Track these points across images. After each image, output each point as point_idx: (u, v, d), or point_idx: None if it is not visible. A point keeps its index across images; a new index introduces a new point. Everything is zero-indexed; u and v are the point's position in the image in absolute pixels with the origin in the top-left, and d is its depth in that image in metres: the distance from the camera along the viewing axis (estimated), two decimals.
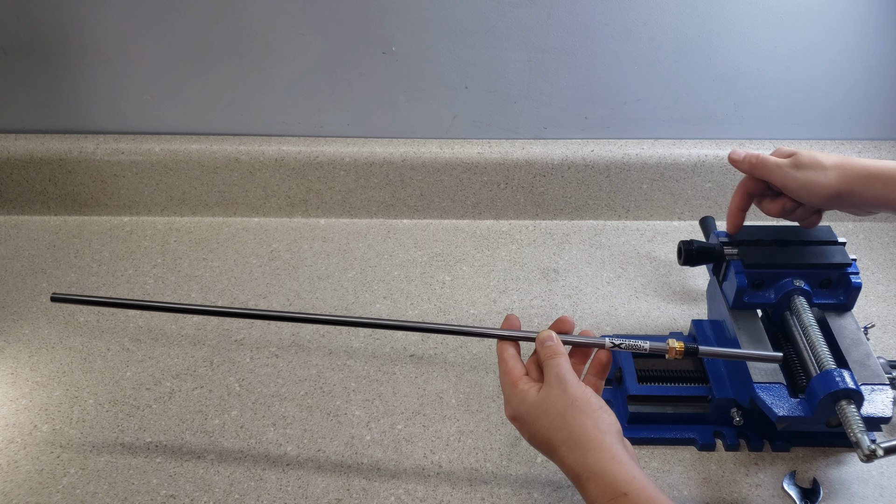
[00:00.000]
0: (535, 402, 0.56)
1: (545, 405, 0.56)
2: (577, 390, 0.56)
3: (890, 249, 1.00)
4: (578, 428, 0.54)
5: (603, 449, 0.53)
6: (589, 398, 0.56)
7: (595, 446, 0.53)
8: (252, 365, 0.82)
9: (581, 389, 0.56)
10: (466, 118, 1.00)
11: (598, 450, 0.53)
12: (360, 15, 0.91)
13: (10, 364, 0.82)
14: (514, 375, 0.59)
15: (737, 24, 0.91)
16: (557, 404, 0.55)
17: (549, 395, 0.56)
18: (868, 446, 0.59)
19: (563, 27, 0.91)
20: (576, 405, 0.55)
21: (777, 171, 0.69)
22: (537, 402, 0.56)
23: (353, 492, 0.69)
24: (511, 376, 0.59)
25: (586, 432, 0.54)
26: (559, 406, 0.55)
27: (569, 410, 0.55)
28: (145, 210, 1.05)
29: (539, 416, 0.56)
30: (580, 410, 0.55)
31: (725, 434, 0.73)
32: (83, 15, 0.91)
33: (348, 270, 0.96)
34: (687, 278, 0.95)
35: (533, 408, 0.56)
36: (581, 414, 0.54)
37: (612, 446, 0.53)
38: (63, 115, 1.00)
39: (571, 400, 0.55)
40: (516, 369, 0.59)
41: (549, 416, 0.55)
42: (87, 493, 0.69)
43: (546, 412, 0.55)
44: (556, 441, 0.55)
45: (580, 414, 0.54)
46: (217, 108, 1.00)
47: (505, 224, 1.05)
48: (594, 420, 0.54)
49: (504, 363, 0.60)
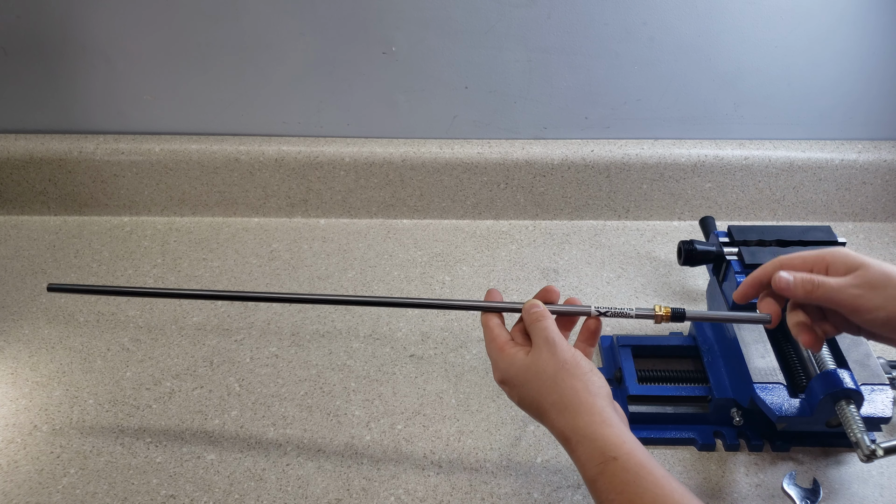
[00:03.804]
0: (524, 366, 0.56)
1: (535, 368, 0.55)
2: (567, 353, 0.55)
3: (890, 249, 1.00)
4: (569, 391, 0.53)
5: (593, 412, 0.52)
6: (579, 361, 0.55)
7: (585, 409, 0.52)
8: (252, 365, 0.82)
9: (571, 352, 0.55)
10: (466, 118, 1.00)
11: (589, 413, 0.52)
12: (359, 15, 0.91)
13: (10, 364, 0.82)
14: (501, 340, 0.58)
15: (737, 23, 0.91)
16: (547, 367, 0.55)
17: (538, 357, 0.55)
18: (868, 446, 0.59)
19: (563, 27, 0.91)
20: (566, 368, 0.54)
21: (843, 296, 0.55)
22: (526, 366, 0.56)
23: (353, 492, 0.69)
24: (498, 342, 0.59)
25: (577, 395, 0.53)
26: (549, 369, 0.54)
27: (559, 373, 0.54)
28: (145, 210, 1.05)
29: (529, 379, 0.55)
30: (570, 373, 0.54)
31: (725, 434, 0.73)
32: (83, 15, 0.91)
33: (348, 270, 0.96)
34: (687, 278, 0.94)
35: (522, 371, 0.56)
36: (571, 377, 0.54)
37: (603, 409, 0.52)
38: (63, 115, 1.00)
39: (561, 363, 0.54)
40: (502, 335, 0.59)
41: (539, 380, 0.55)
42: (87, 493, 0.69)
43: (536, 375, 0.55)
44: (546, 404, 0.54)
45: (570, 377, 0.54)
46: (217, 108, 1.00)
47: (505, 224, 1.05)
48: (584, 382, 0.54)
49: (490, 330, 0.60)
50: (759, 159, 1.00)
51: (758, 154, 1.00)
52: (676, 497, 0.47)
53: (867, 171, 1.00)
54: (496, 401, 0.78)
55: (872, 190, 1.02)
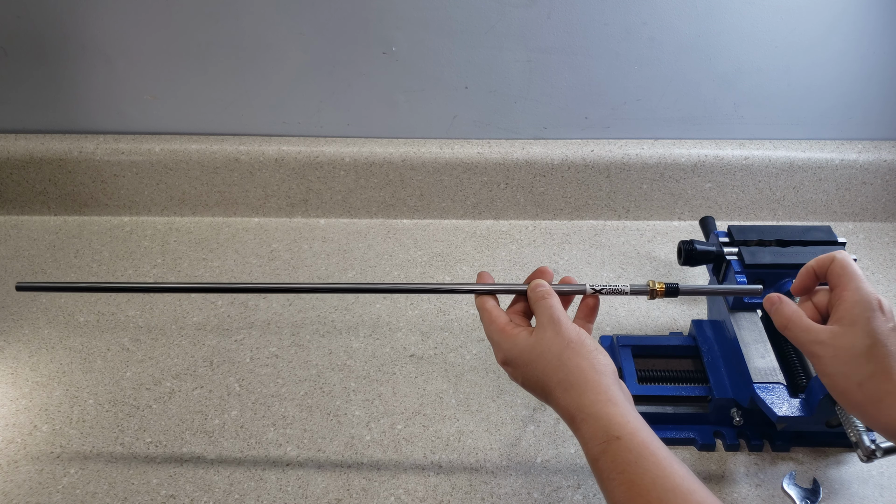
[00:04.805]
0: (528, 346, 0.56)
1: (539, 347, 0.55)
2: (572, 332, 0.55)
3: (890, 249, 1.00)
4: (575, 369, 0.53)
5: (599, 391, 0.52)
6: (584, 339, 0.55)
7: (591, 388, 0.52)
8: (252, 365, 0.82)
9: (575, 331, 0.55)
10: (466, 118, 1.00)
11: (594, 391, 0.52)
12: (359, 15, 0.91)
13: (10, 364, 0.82)
14: (501, 322, 0.58)
15: (737, 23, 0.91)
16: (553, 346, 0.54)
17: (542, 337, 0.55)
18: (868, 446, 0.59)
19: (563, 27, 0.91)
20: (571, 346, 0.54)
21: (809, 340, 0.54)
22: (531, 346, 0.55)
23: (353, 492, 0.69)
24: (497, 323, 0.58)
25: (583, 373, 0.53)
26: (554, 348, 0.54)
27: (564, 352, 0.54)
28: (145, 210, 1.05)
29: (534, 359, 0.55)
30: (576, 352, 0.54)
31: (725, 434, 0.73)
32: (83, 15, 0.91)
33: (348, 270, 0.96)
34: (687, 278, 0.95)
35: (526, 351, 0.55)
36: (577, 355, 0.54)
37: (609, 388, 0.52)
38: (63, 115, 1.00)
39: (567, 341, 0.54)
40: (501, 317, 0.59)
41: (545, 359, 0.54)
42: (87, 493, 0.69)
43: (541, 355, 0.55)
44: (551, 383, 0.54)
45: (576, 355, 0.53)
46: (217, 108, 1.00)
47: (505, 224, 1.05)
48: (590, 361, 0.53)
49: (487, 313, 0.59)
50: (759, 159, 1.00)
51: (758, 154, 1.00)
52: (677, 479, 0.47)
53: (867, 171, 1.00)
54: (496, 401, 0.78)
55: (872, 190, 1.02)
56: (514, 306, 0.61)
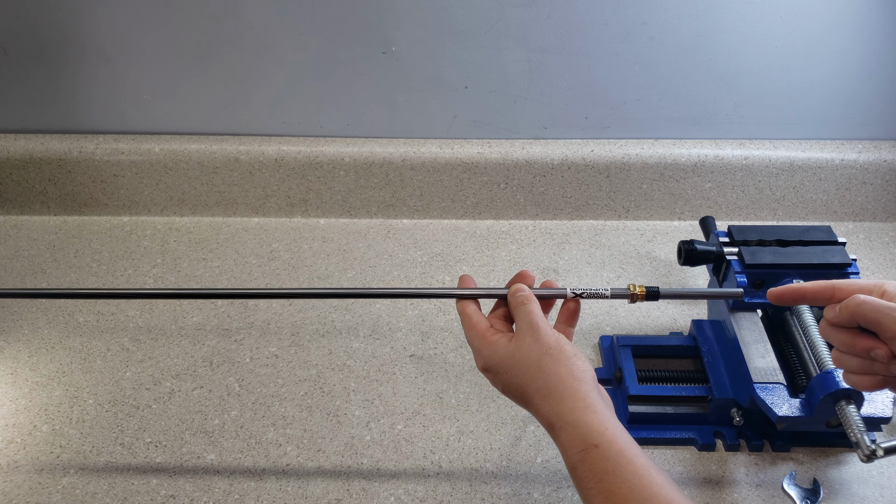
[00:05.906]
0: (507, 353, 0.55)
1: (518, 355, 0.55)
2: (551, 338, 0.55)
3: (890, 249, 1.00)
4: (553, 376, 0.53)
5: (577, 398, 0.52)
6: (563, 345, 0.55)
7: (569, 395, 0.52)
8: (252, 365, 0.82)
9: (554, 337, 0.55)
10: (466, 118, 1.00)
11: (573, 398, 0.52)
12: (359, 15, 0.91)
13: (10, 364, 0.82)
14: (482, 328, 0.58)
15: (737, 23, 0.91)
16: (531, 353, 0.54)
17: (521, 344, 0.55)
18: (868, 446, 0.59)
19: (563, 27, 0.91)
20: (550, 353, 0.54)
21: None
22: (510, 353, 0.55)
23: (353, 492, 0.69)
24: (478, 329, 0.58)
25: (561, 381, 0.53)
26: (533, 355, 0.54)
27: (543, 359, 0.54)
28: (145, 210, 1.05)
29: (513, 366, 0.55)
30: (554, 358, 0.54)
31: (725, 434, 0.73)
32: (83, 15, 0.91)
33: (348, 270, 0.96)
34: (687, 278, 0.94)
35: (506, 358, 0.55)
36: (555, 362, 0.53)
37: (587, 395, 0.52)
38: (63, 115, 1.00)
39: (545, 348, 0.54)
40: (482, 322, 0.59)
41: (524, 366, 0.54)
42: (87, 493, 0.69)
43: (520, 362, 0.54)
44: (530, 390, 0.54)
45: (554, 362, 0.53)
46: (217, 108, 1.00)
47: (505, 224, 1.05)
48: (569, 368, 0.53)
49: (468, 318, 0.59)
50: (759, 159, 1.00)
51: (758, 154, 1.00)
52: (655, 488, 0.47)
53: (867, 171, 1.00)
54: (496, 401, 0.78)
55: (872, 190, 1.02)
56: (496, 311, 0.61)
